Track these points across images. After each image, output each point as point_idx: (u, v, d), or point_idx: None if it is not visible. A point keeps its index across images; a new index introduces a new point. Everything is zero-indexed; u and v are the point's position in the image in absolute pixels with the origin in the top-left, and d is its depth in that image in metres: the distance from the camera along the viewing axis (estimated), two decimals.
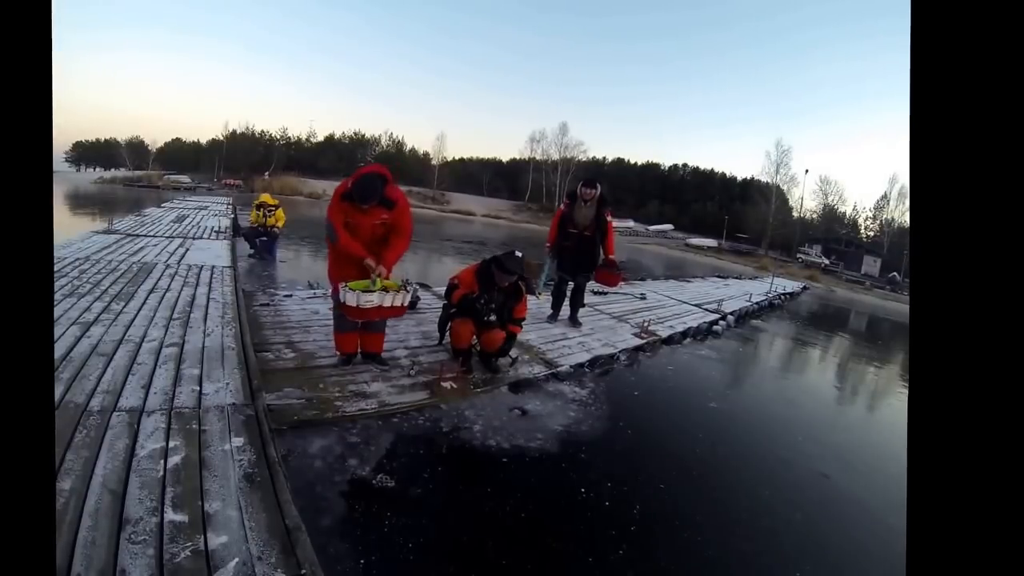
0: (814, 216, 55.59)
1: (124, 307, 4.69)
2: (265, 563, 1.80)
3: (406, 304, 3.72)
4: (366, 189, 3.54)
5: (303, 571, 1.79)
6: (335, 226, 3.59)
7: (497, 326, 4.29)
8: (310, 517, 2.26)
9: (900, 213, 50.18)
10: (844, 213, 56.77)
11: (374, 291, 3.55)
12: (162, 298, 5.19)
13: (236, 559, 1.80)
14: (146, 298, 5.12)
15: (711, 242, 46.67)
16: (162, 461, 2.32)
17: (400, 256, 3.84)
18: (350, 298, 3.50)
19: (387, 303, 3.60)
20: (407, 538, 2.36)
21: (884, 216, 52.03)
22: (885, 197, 51.91)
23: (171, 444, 2.47)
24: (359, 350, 4.17)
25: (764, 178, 54.51)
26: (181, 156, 73.01)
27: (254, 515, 2.04)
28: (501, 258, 4.12)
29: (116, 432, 2.50)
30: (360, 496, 2.61)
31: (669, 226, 56.34)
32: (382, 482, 2.74)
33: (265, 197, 10.32)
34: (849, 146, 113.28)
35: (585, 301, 6.89)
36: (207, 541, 1.87)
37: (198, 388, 3.12)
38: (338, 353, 4.12)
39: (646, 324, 7.04)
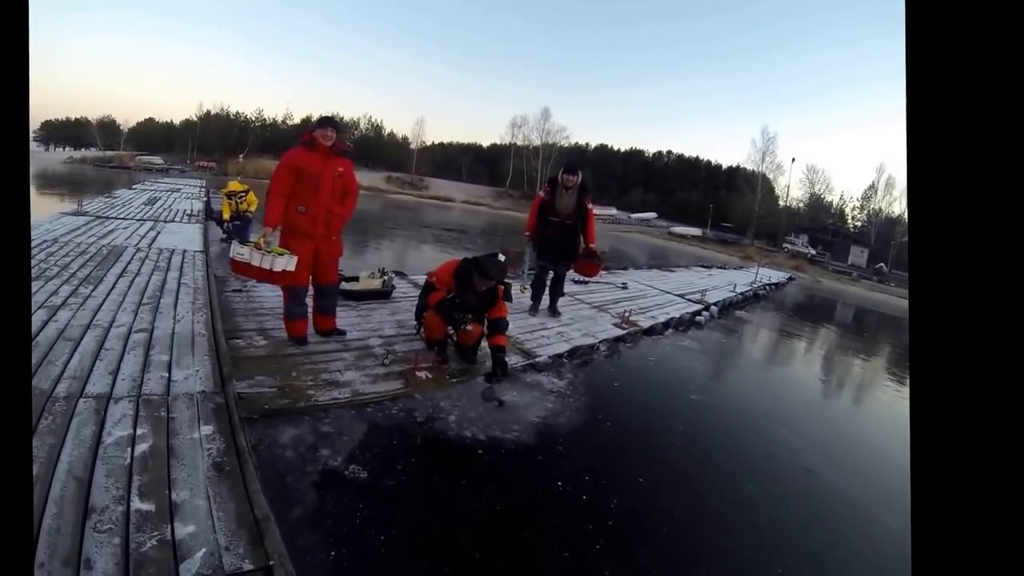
0: (801, 205, 56.14)
1: (92, 291, 4.57)
2: (233, 553, 1.78)
3: (275, 268, 3.66)
4: (328, 117, 4.03)
5: (271, 562, 1.77)
6: (271, 190, 3.80)
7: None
8: (280, 508, 2.24)
9: (888, 203, 50.83)
10: (831, 202, 57.47)
11: (246, 246, 3.67)
12: (132, 282, 5.08)
13: (203, 549, 1.78)
14: (115, 282, 5.00)
15: (695, 231, 46.90)
16: (129, 449, 2.27)
17: (352, 212, 4.21)
18: (232, 249, 3.72)
19: (255, 262, 3.63)
20: (379, 530, 2.34)
21: (872, 206, 52.56)
22: (873, 187, 52.46)
23: (139, 431, 2.42)
24: (315, 330, 4.36)
25: (750, 166, 54.83)
26: (154, 137, 71.58)
27: (222, 505, 2.02)
28: (484, 263, 3.94)
29: (82, 419, 2.45)
30: (332, 487, 2.58)
31: (652, 214, 56.51)
32: (354, 473, 2.72)
33: (233, 184, 10.09)
34: (837, 135, 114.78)
35: (565, 290, 6.87)
36: (174, 530, 1.84)
37: (167, 375, 3.06)
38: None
39: (627, 314, 7.05)
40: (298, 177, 3.79)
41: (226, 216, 9.80)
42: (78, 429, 2.36)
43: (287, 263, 3.69)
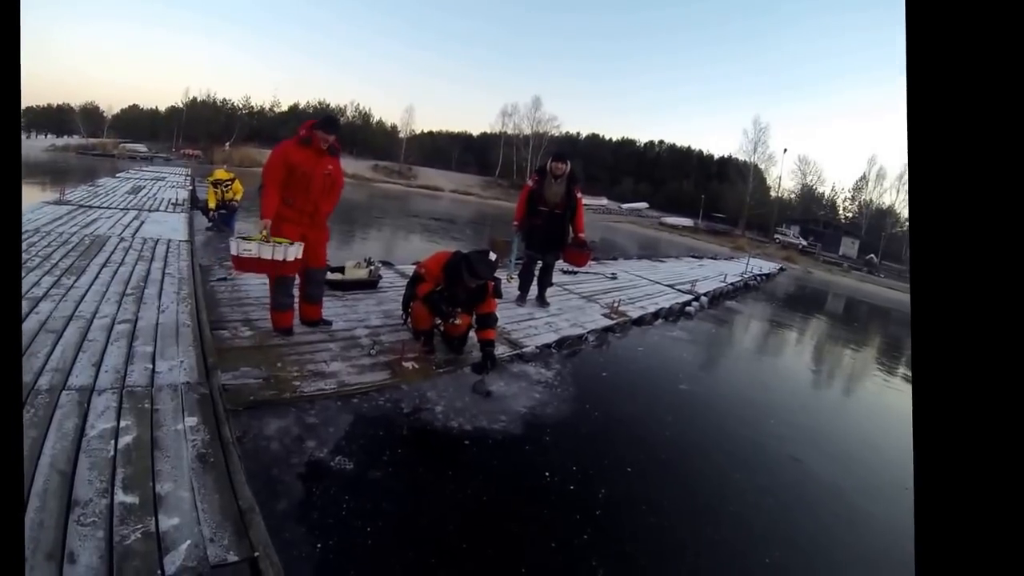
0: (792, 196, 56.34)
1: (75, 282, 4.53)
2: (217, 545, 1.79)
3: (288, 258, 3.68)
4: (333, 120, 4.02)
5: (256, 553, 1.77)
6: (266, 182, 3.79)
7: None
8: (265, 500, 2.23)
9: (879, 194, 51.04)
10: (823, 194, 57.63)
11: (252, 240, 3.64)
12: (115, 273, 5.03)
13: (188, 541, 1.78)
14: (98, 272, 4.95)
15: (687, 221, 46.90)
16: (113, 441, 2.27)
17: (335, 206, 4.26)
18: (232, 247, 3.64)
19: (265, 255, 3.62)
20: (365, 522, 2.34)
21: (863, 197, 52.68)
22: (864, 178, 52.59)
23: (122, 424, 2.41)
24: (301, 320, 4.35)
25: (742, 156, 54.69)
26: (138, 124, 70.35)
27: (207, 496, 2.02)
28: (473, 260, 3.89)
29: (65, 411, 2.44)
30: (318, 479, 2.57)
31: (644, 204, 56.43)
32: (340, 464, 2.71)
33: (219, 173, 9.99)
34: (829, 126, 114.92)
35: (553, 280, 6.85)
36: (158, 523, 1.84)
37: (151, 366, 3.04)
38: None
39: (616, 304, 7.06)
40: (290, 171, 3.79)
41: (211, 205, 9.70)
42: (61, 422, 2.35)
43: (297, 251, 3.72)
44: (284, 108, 69.53)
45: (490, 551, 2.37)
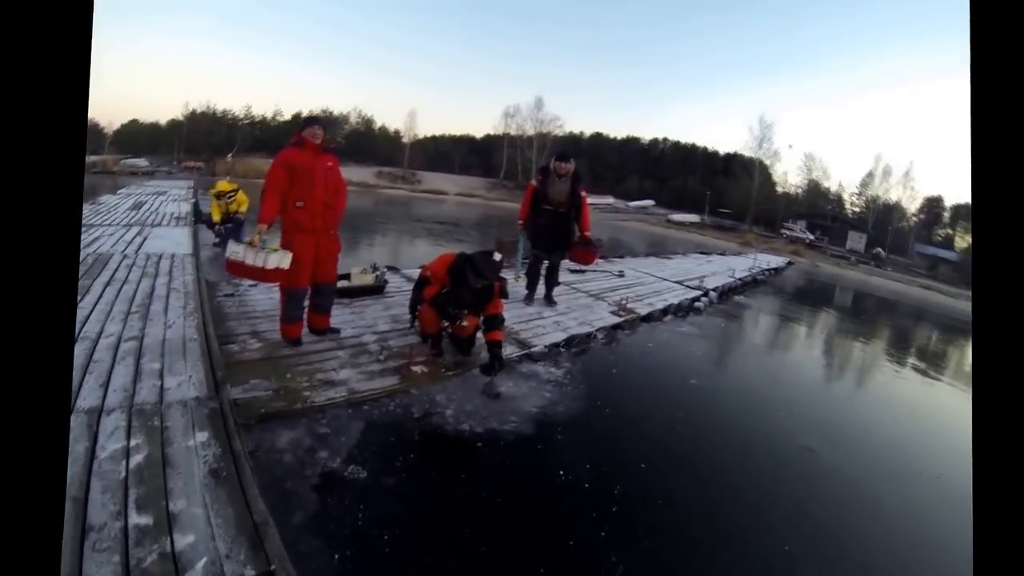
0: (798, 192, 56.32)
1: (79, 302, 4.52)
2: (234, 560, 1.77)
3: (268, 266, 3.65)
4: (311, 117, 4.32)
5: (273, 567, 1.76)
6: (266, 188, 3.83)
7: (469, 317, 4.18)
8: (280, 513, 2.21)
9: (884, 190, 51.43)
10: (829, 189, 57.63)
11: (241, 244, 3.67)
12: (119, 290, 5.01)
13: (204, 559, 1.77)
14: (102, 291, 4.93)
15: (693, 217, 46.62)
16: (124, 461, 2.25)
17: (344, 209, 4.26)
18: (227, 249, 3.74)
19: (248, 260, 3.62)
20: (381, 530, 2.32)
21: (869, 193, 52.98)
22: (871, 174, 52.81)
23: (132, 443, 2.39)
24: (309, 329, 4.37)
25: (747, 153, 54.48)
26: (139, 138, 70.13)
27: (220, 511, 2.00)
28: (478, 263, 3.86)
29: (75, 435, 2.41)
30: (332, 489, 2.56)
31: (650, 201, 56.11)
32: (354, 473, 2.69)
33: (222, 184, 9.85)
34: (835, 122, 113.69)
35: (560, 279, 6.83)
36: (174, 542, 1.82)
37: (159, 383, 3.02)
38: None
39: (624, 302, 7.04)
40: (292, 174, 3.83)
41: (216, 218, 9.61)
42: (71, 447, 2.32)
43: (280, 260, 3.68)
44: (287, 117, 69.44)
45: (507, 552, 2.36)
